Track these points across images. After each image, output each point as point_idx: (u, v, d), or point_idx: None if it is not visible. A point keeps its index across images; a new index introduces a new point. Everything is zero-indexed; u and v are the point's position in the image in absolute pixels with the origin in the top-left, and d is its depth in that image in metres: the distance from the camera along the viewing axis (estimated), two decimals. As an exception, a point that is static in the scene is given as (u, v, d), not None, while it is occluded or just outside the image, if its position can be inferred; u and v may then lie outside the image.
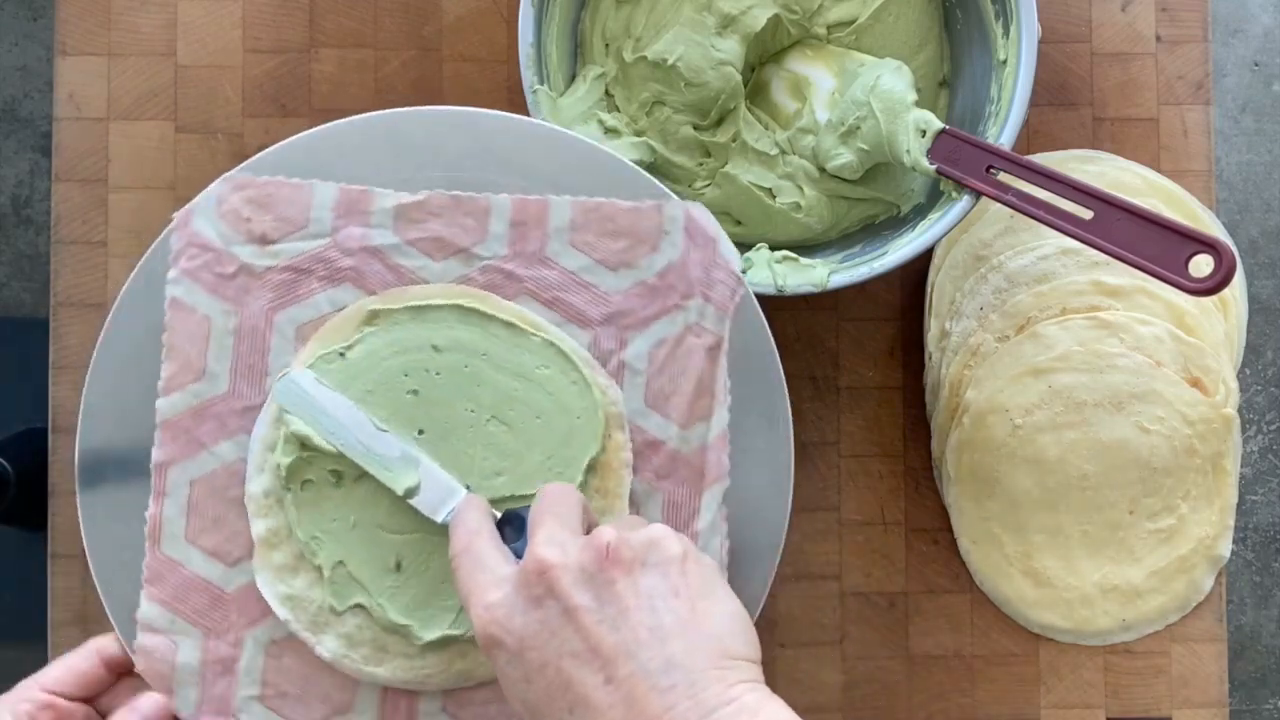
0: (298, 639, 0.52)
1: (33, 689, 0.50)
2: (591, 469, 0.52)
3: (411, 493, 0.50)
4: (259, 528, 0.52)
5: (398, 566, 0.52)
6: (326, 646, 0.51)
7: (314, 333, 0.53)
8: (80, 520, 0.53)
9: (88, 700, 0.52)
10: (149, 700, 0.51)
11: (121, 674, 0.53)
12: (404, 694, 0.52)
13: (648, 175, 0.55)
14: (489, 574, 0.44)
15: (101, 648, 0.52)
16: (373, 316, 0.52)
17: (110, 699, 0.53)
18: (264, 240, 0.53)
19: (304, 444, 0.51)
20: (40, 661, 0.54)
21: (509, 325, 0.52)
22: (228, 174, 0.53)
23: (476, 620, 0.43)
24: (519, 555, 0.46)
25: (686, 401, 0.53)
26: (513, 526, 0.48)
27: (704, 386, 0.53)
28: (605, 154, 0.54)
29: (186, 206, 0.53)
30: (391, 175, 0.54)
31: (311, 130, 0.54)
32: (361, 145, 0.54)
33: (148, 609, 0.52)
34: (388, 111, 0.54)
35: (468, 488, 0.51)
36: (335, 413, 0.51)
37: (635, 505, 0.53)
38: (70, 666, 0.52)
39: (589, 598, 0.41)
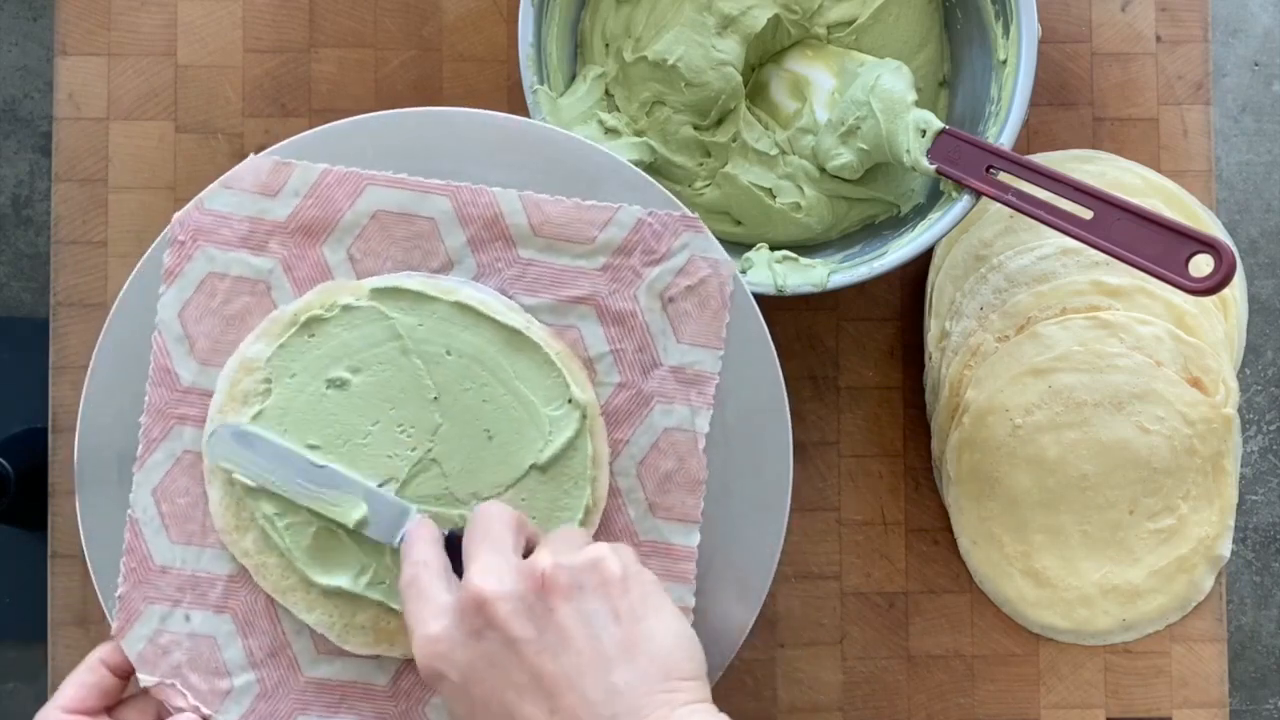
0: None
1: (53, 713, 0.50)
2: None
3: (362, 524, 0.50)
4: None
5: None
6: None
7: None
8: (80, 520, 0.53)
9: (109, 710, 0.52)
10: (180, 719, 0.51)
11: (130, 676, 0.53)
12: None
13: (647, 176, 0.54)
14: (430, 605, 0.44)
15: (104, 657, 0.52)
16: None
17: (134, 712, 0.53)
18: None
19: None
20: (40, 661, 0.54)
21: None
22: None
23: (419, 653, 0.43)
24: None
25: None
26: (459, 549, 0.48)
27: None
28: (605, 155, 0.54)
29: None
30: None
31: (312, 130, 0.54)
32: (363, 146, 0.54)
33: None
34: (390, 112, 0.54)
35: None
36: (272, 458, 0.51)
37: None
38: (81, 683, 0.52)
39: (529, 628, 0.41)
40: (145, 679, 0.52)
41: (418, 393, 0.52)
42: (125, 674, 0.53)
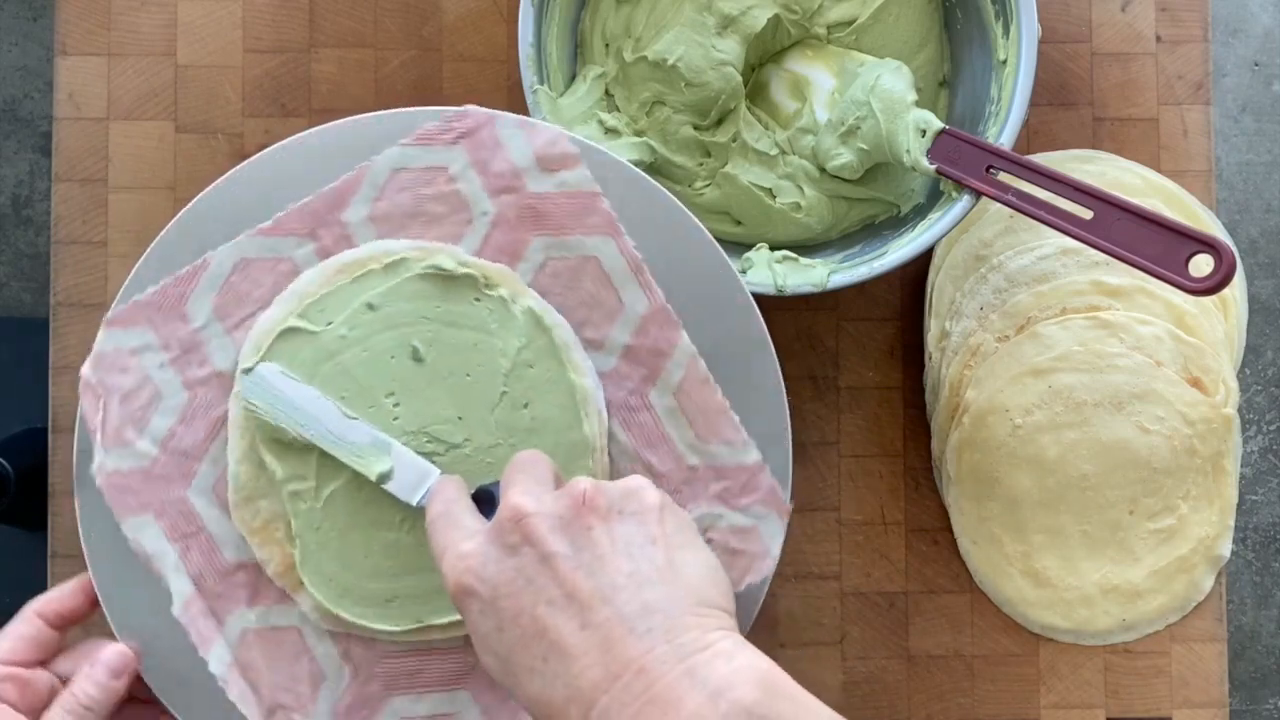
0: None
1: None
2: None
3: (385, 478, 0.50)
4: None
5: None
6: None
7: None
8: (80, 520, 0.53)
9: (43, 664, 0.52)
10: (110, 651, 0.51)
11: (66, 626, 0.53)
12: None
13: (648, 177, 0.54)
14: (462, 529, 0.44)
15: (38, 609, 0.52)
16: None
17: (69, 661, 0.53)
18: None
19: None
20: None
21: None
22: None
23: (449, 571, 0.43)
24: None
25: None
26: (487, 503, 0.48)
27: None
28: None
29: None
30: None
31: (310, 130, 0.54)
32: (361, 146, 0.54)
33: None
34: (389, 112, 0.54)
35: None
36: (303, 404, 0.51)
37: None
38: (16, 634, 0.52)
39: (565, 544, 0.41)
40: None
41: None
42: (61, 626, 0.53)
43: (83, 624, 0.54)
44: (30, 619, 0.52)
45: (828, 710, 0.38)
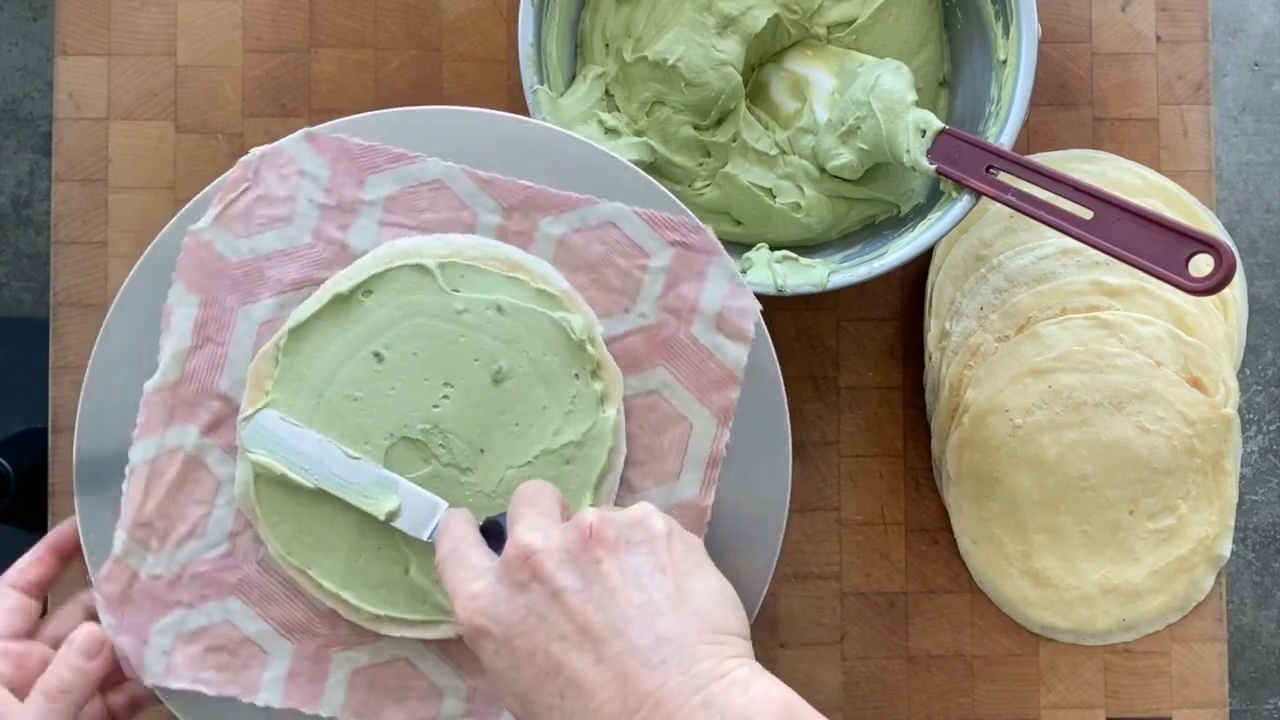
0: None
1: None
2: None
3: (393, 516, 0.50)
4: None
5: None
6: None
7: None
8: (79, 520, 0.53)
9: (31, 635, 0.52)
10: (81, 633, 0.51)
11: (43, 593, 0.53)
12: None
13: (648, 176, 0.54)
14: (471, 568, 0.44)
15: (12, 582, 0.53)
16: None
17: (57, 625, 0.53)
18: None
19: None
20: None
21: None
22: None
23: (462, 612, 0.43)
24: None
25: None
26: (495, 536, 0.48)
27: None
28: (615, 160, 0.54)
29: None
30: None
31: (318, 126, 0.54)
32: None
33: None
34: (389, 111, 0.54)
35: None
36: (305, 449, 0.51)
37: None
38: (7, 609, 0.52)
39: (575, 579, 0.41)
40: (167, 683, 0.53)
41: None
42: (37, 591, 0.53)
43: (54, 588, 0.55)
44: (5, 592, 0.53)
45: None
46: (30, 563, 0.54)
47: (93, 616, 0.53)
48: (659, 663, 0.39)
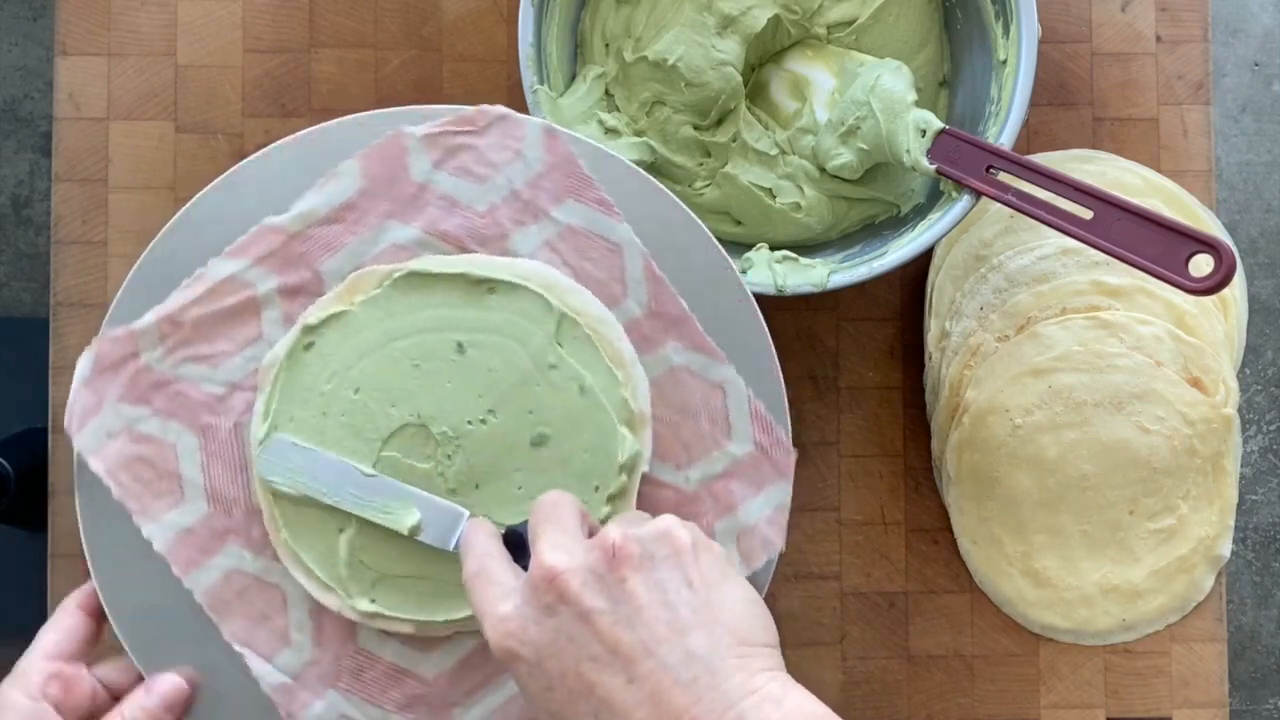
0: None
1: (36, 660, 0.50)
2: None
3: (416, 530, 0.51)
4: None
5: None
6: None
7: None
8: (80, 520, 0.53)
9: (85, 662, 0.52)
10: (166, 682, 0.51)
11: (104, 620, 0.53)
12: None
13: (648, 176, 0.54)
14: (498, 587, 0.44)
15: (80, 602, 0.53)
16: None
17: (112, 671, 0.53)
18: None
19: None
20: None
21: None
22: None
23: (491, 635, 0.43)
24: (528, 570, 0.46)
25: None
26: (517, 545, 0.48)
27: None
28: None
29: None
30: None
31: (312, 128, 0.54)
32: (359, 144, 0.54)
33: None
34: (389, 110, 0.54)
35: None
36: (321, 471, 0.51)
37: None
38: (62, 628, 0.52)
39: (601, 599, 0.41)
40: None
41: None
42: (103, 618, 0.53)
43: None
44: (73, 611, 0.52)
45: None
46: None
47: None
48: (690, 680, 0.39)
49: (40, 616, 0.63)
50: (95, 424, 0.52)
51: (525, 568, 0.45)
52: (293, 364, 0.52)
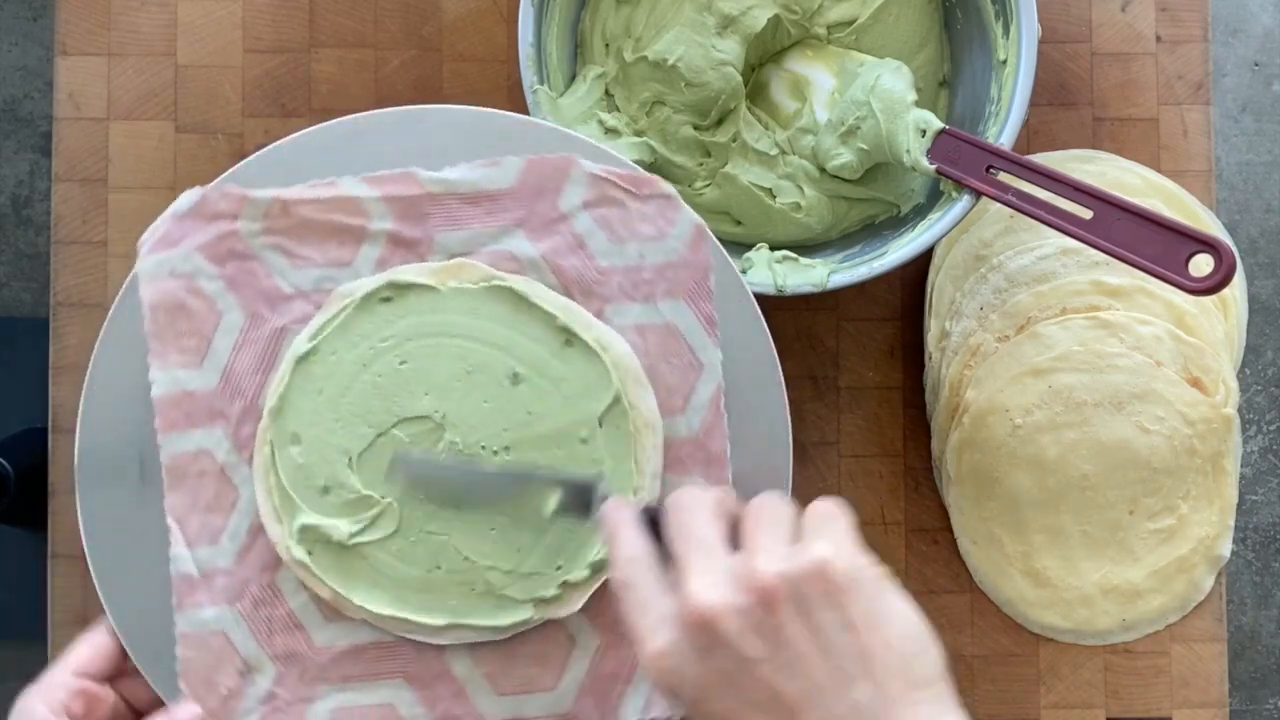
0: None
1: (64, 674, 0.50)
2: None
3: (561, 511, 0.50)
4: None
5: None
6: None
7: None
8: (80, 520, 0.53)
9: (112, 679, 0.52)
10: (186, 710, 0.51)
11: None
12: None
13: (650, 175, 0.54)
14: (651, 614, 0.42)
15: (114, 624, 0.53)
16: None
17: (137, 688, 0.53)
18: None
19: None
20: (40, 662, 0.54)
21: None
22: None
23: (649, 669, 0.41)
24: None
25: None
26: (651, 521, 0.46)
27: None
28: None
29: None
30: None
31: (309, 130, 0.54)
32: (371, 142, 0.54)
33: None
34: (389, 110, 0.54)
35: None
36: (448, 477, 0.52)
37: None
38: (96, 645, 0.52)
39: (760, 646, 0.39)
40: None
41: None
42: None
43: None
44: (108, 630, 0.52)
45: None
46: None
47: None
48: None
49: (40, 617, 0.64)
50: (164, 256, 0.52)
51: (662, 543, 0.44)
52: (362, 307, 0.52)
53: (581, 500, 0.50)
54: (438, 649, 0.53)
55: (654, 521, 0.45)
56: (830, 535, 0.41)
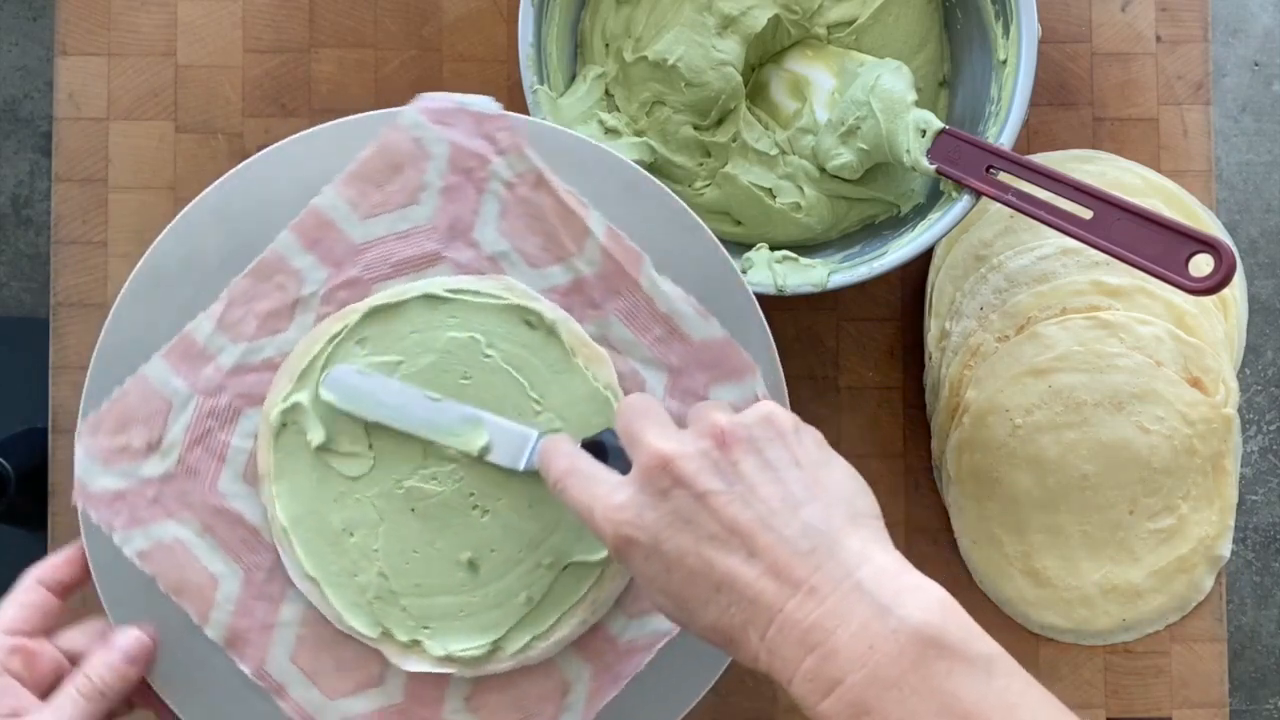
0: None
1: None
2: None
3: (485, 451, 0.51)
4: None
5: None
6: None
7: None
8: (80, 520, 0.53)
9: (47, 634, 0.51)
10: (127, 636, 0.50)
11: (67, 594, 0.52)
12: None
13: (648, 175, 0.54)
14: (606, 483, 0.44)
15: (40, 576, 0.52)
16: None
17: (77, 637, 0.52)
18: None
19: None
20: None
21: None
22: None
23: (606, 525, 0.43)
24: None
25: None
26: (597, 453, 0.48)
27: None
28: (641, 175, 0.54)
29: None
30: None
31: (319, 126, 0.54)
32: (360, 144, 0.54)
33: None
34: (389, 111, 0.54)
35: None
36: (386, 396, 0.52)
37: None
38: (21, 602, 0.51)
39: (716, 480, 0.42)
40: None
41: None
42: (63, 592, 0.52)
43: (80, 593, 0.53)
44: (33, 587, 0.52)
45: (991, 640, 0.39)
46: (62, 560, 0.53)
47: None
48: (809, 550, 0.40)
49: (40, 616, 0.63)
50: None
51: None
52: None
53: (516, 446, 0.51)
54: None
55: (598, 455, 0.48)
56: (774, 405, 0.45)
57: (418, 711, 0.53)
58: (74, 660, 0.51)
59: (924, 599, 0.40)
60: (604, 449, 0.49)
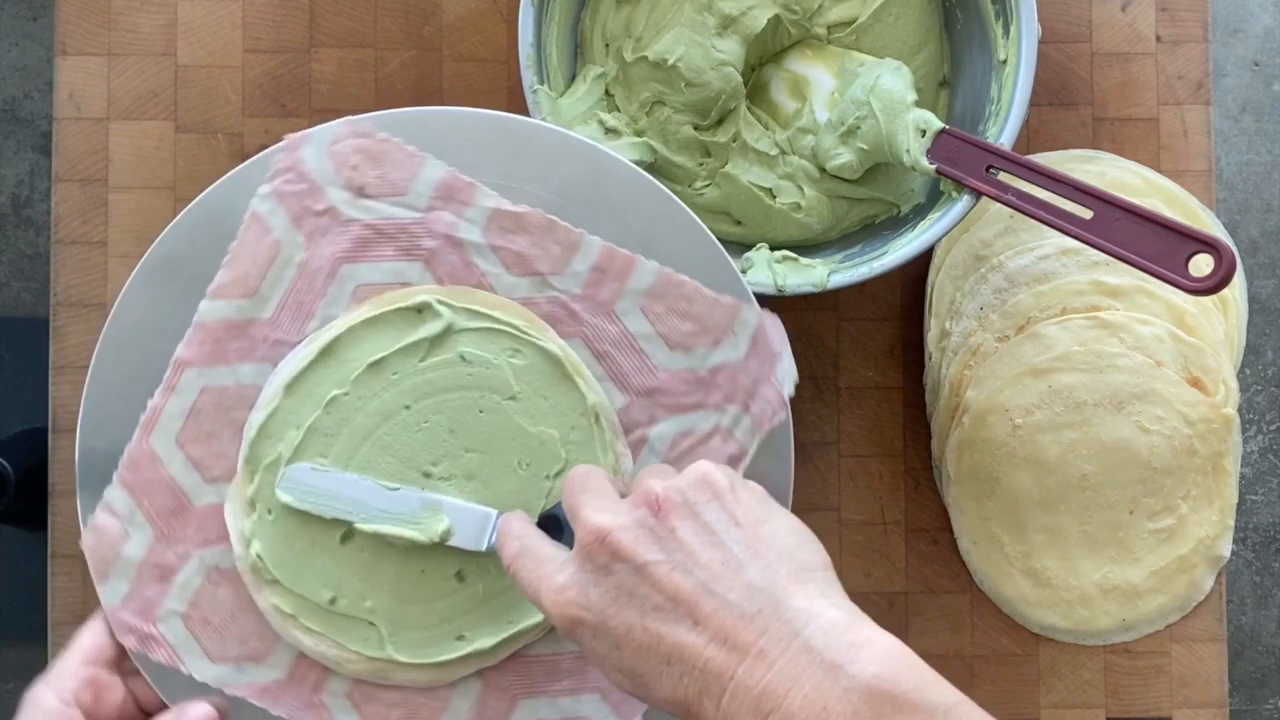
0: (239, 575, 0.52)
1: (73, 663, 0.50)
2: None
3: (447, 535, 0.51)
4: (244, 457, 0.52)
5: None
6: (265, 598, 0.52)
7: (370, 295, 0.53)
8: (80, 520, 0.53)
9: (121, 670, 0.52)
10: (199, 710, 0.51)
11: None
12: (317, 665, 0.53)
13: (648, 175, 0.54)
14: (550, 563, 0.44)
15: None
16: (424, 308, 0.52)
17: (139, 686, 0.52)
18: (360, 192, 0.53)
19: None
20: (40, 662, 0.54)
21: (553, 361, 0.52)
22: (353, 118, 0.53)
23: (551, 607, 0.43)
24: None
25: None
26: (553, 530, 0.48)
27: None
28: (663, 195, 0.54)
29: (302, 132, 0.53)
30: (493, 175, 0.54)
31: (423, 109, 0.54)
32: (463, 139, 0.54)
33: (113, 492, 0.52)
34: (390, 111, 0.54)
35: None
36: (343, 491, 0.51)
37: None
38: (102, 631, 0.52)
39: (655, 550, 0.41)
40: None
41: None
42: None
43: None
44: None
45: (949, 686, 0.38)
46: None
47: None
48: (754, 612, 0.40)
49: (41, 617, 0.64)
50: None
51: (565, 546, 0.46)
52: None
53: (476, 528, 0.51)
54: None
55: (554, 530, 0.48)
56: (713, 464, 0.44)
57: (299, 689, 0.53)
58: (141, 706, 0.52)
59: (874, 653, 0.38)
60: (559, 523, 0.49)
